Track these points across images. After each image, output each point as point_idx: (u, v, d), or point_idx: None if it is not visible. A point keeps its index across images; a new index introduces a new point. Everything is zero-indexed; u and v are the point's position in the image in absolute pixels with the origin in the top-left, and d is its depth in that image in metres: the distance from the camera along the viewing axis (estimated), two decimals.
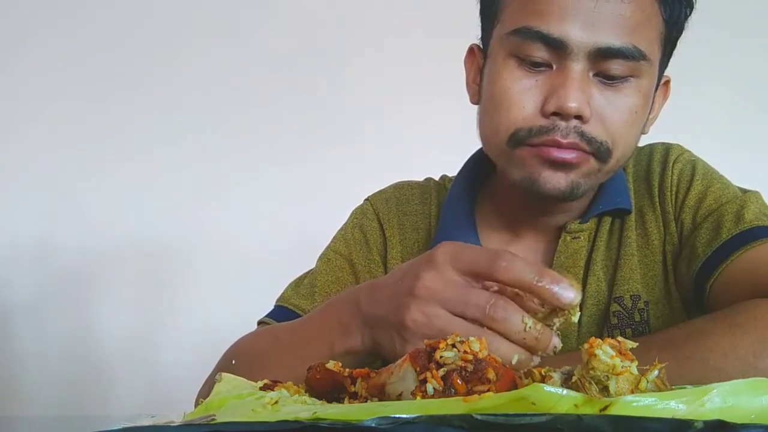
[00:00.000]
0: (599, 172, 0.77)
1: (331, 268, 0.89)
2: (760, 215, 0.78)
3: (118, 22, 1.89)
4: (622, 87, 0.74)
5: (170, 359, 1.76)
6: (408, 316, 0.56)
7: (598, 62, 0.73)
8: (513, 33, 0.74)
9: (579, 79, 0.72)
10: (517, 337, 0.52)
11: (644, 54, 0.73)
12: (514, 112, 0.74)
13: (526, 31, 0.73)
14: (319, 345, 0.65)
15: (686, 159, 0.85)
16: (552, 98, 0.72)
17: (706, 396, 0.37)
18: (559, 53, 0.72)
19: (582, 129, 0.73)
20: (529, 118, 0.74)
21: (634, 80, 0.74)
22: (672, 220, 0.83)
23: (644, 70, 0.75)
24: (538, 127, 0.73)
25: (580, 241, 0.83)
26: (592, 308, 0.82)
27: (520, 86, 0.74)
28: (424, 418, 0.36)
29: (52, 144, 1.85)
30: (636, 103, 0.75)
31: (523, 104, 0.74)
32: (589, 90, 0.73)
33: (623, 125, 0.75)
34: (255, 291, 0.91)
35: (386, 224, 0.92)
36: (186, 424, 0.42)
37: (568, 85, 0.72)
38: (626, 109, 0.75)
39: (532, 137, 0.74)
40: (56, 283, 1.81)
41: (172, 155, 1.83)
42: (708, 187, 0.82)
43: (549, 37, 0.72)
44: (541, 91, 0.74)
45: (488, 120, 0.79)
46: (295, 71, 1.86)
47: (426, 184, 0.96)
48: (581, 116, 0.72)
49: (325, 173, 1.80)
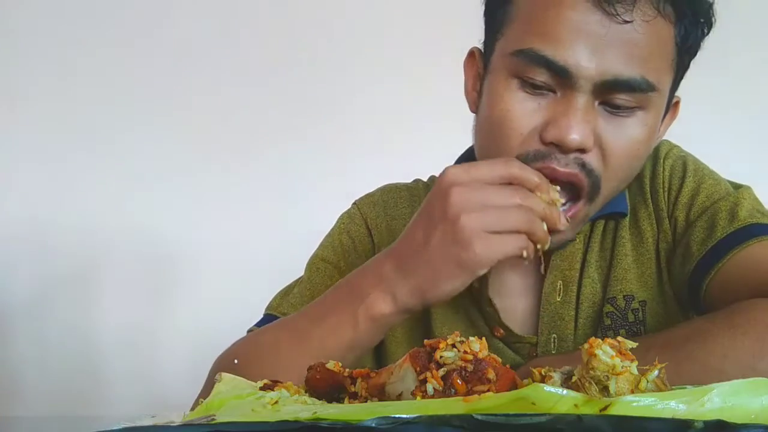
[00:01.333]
0: (585, 216, 0.75)
1: (320, 277, 0.88)
2: (754, 212, 0.77)
3: (118, 20, 1.88)
4: (627, 118, 0.70)
5: (170, 359, 1.76)
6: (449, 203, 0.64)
7: (604, 92, 0.69)
8: (517, 53, 0.70)
9: (583, 110, 0.69)
10: (546, 215, 0.65)
11: (653, 86, 0.69)
12: (513, 139, 0.71)
13: (531, 54, 0.69)
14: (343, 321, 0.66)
15: (676, 155, 0.85)
16: (553, 127, 0.69)
17: (706, 396, 0.37)
18: (564, 81, 0.68)
19: (582, 160, 0.70)
20: (527, 142, 0.71)
21: (640, 112, 0.71)
22: (665, 217, 0.82)
23: (652, 101, 0.71)
24: (535, 151, 0.70)
25: (575, 243, 0.83)
26: (588, 310, 0.82)
27: (521, 109, 0.71)
28: (424, 418, 0.36)
29: (52, 141, 1.84)
30: (640, 135, 0.72)
31: (522, 130, 0.71)
32: (594, 120, 0.69)
33: (624, 158, 0.72)
34: (255, 291, 0.91)
35: (374, 229, 0.90)
36: (186, 424, 0.42)
37: (571, 116, 0.68)
38: (629, 141, 0.71)
39: (529, 161, 0.70)
40: (56, 283, 1.81)
41: (171, 156, 1.83)
42: (700, 183, 0.81)
43: (554, 63, 0.68)
44: (543, 115, 0.70)
45: (487, 140, 0.76)
46: (297, 74, 1.86)
47: (414, 186, 0.95)
48: (582, 149, 0.69)
49: (325, 175, 1.80)
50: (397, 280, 0.67)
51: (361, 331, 0.66)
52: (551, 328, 0.81)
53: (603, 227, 0.84)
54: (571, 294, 0.81)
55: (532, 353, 0.81)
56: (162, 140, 1.84)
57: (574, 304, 0.81)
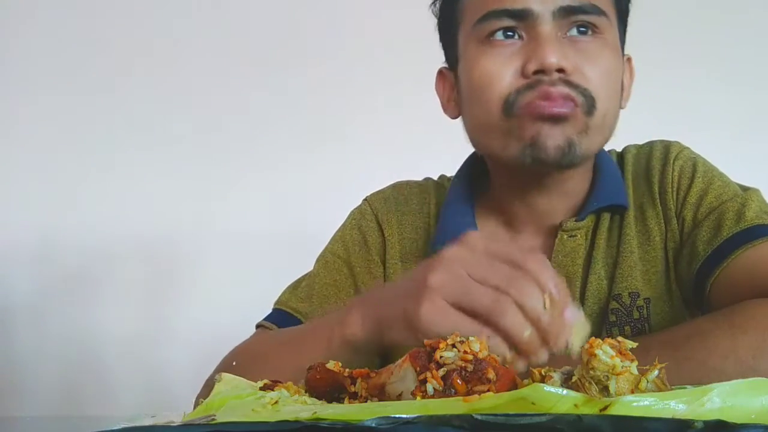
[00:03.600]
0: (588, 129, 0.77)
1: (329, 271, 0.90)
2: (761, 213, 0.78)
3: (118, 19, 1.89)
4: (590, 42, 0.78)
5: (170, 359, 1.76)
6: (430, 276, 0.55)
7: (563, 22, 0.77)
8: (479, 20, 0.78)
9: (552, 38, 0.76)
10: (533, 313, 0.52)
11: (602, 10, 0.78)
12: (498, 84, 0.77)
13: (492, 13, 0.77)
14: (318, 338, 0.65)
15: (686, 156, 0.86)
16: (531, 60, 0.75)
17: (706, 396, 0.37)
18: (527, 22, 0.76)
19: (568, 79, 0.75)
20: (513, 82, 0.76)
21: (599, 36, 0.78)
22: (673, 216, 0.83)
23: (605, 26, 0.79)
24: (525, 85, 0.75)
25: (577, 239, 0.83)
26: (594, 306, 0.82)
27: (498, 61, 0.77)
28: (424, 418, 0.36)
29: (52, 142, 1.85)
30: (607, 55, 0.79)
31: (504, 74, 0.76)
32: (563, 48, 0.76)
33: (602, 76, 0.77)
34: (256, 291, 0.91)
35: (385, 224, 0.92)
36: (186, 424, 0.42)
37: (543, 43, 0.75)
38: (600, 61, 0.78)
39: (523, 96, 0.75)
40: (56, 283, 1.81)
41: (173, 154, 1.83)
42: (709, 184, 0.82)
43: (513, 10, 0.76)
44: (518, 58, 0.76)
45: (477, 107, 0.80)
46: (297, 67, 1.86)
47: (425, 184, 0.97)
48: (563, 69, 0.75)
49: (328, 170, 1.79)
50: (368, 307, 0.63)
51: (334, 349, 0.63)
52: None
53: (608, 225, 0.85)
54: (575, 290, 0.82)
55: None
56: (164, 140, 1.84)
57: (578, 300, 0.82)
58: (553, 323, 0.52)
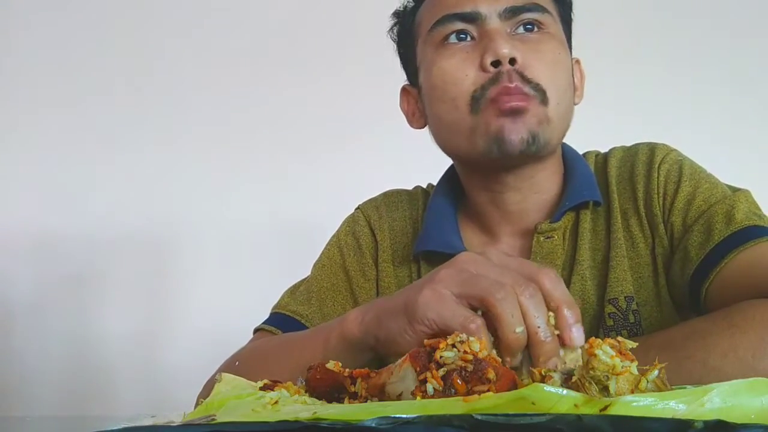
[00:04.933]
0: (547, 119, 0.80)
1: (326, 275, 0.93)
2: (751, 214, 0.77)
3: (118, 19, 1.89)
4: (537, 38, 0.83)
5: (171, 359, 1.76)
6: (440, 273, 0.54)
7: (510, 22, 0.82)
8: (434, 26, 0.84)
9: (501, 33, 0.81)
10: (533, 320, 0.50)
11: (545, 8, 0.84)
12: (460, 81, 0.81)
13: (444, 19, 0.83)
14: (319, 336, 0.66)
15: (672, 159, 0.85)
16: (486, 54, 0.80)
17: (705, 396, 0.37)
18: (477, 23, 0.82)
19: (520, 72, 0.80)
20: (476, 79, 0.80)
21: (545, 31, 0.84)
22: (660, 222, 0.82)
23: (549, 22, 0.84)
24: (488, 79, 0.80)
25: (554, 240, 0.84)
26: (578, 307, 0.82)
27: (455, 60, 0.82)
28: (424, 418, 0.36)
29: (51, 139, 1.85)
30: (554, 47, 0.83)
31: (465, 71, 0.81)
32: (513, 41, 0.81)
33: (550, 66, 0.82)
34: (257, 291, 0.92)
35: (377, 229, 0.96)
36: (186, 424, 0.42)
37: (494, 37, 0.80)
38: (548, 52, 0.82)
39: (487, 92, 0.79)
40: (56, 281, 1.81)
41: (174, 151, 1.83)
42: (696, 188, 0.82)
43: (464, 13, 0.82)
44: (474, 55, 0.81)
45: (442, 105, 0.83)
46: (297, 67, 1.86)
47: (414, 192, 1.01)
48: (515, 59, 0.79)
49: (328, 172, 1.80)
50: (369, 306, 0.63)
51: (331, 348, 0.63)
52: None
53: (590, 225, 0.85)
54: None
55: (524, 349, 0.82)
56: (164, 137, 1.84)
57: None
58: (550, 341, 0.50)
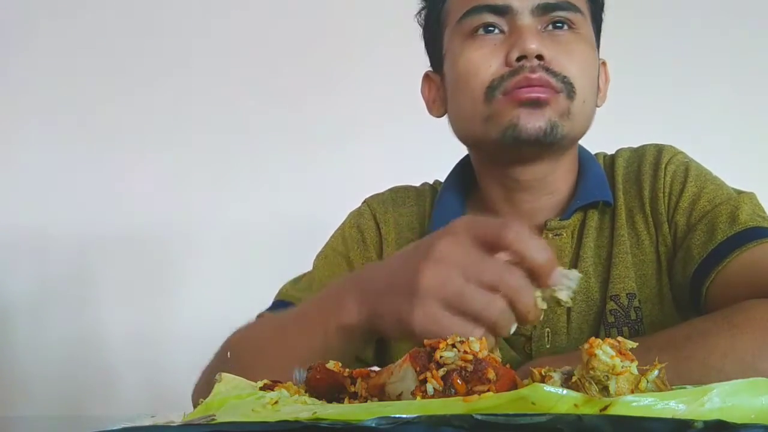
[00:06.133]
0: (570, 113, 0.80)
1: (329, 265, 0.92)
2: (754, 216, 0.78)
3: (118, 19, 1.89)
4: (567, 36, 0.82)
5: (171, 359, 1.76)
6: (422, 278, 0.55)
7: (542, 18, 0.82)
8: (463, 16, 0.83)
9: (532, 29, 0.81)
10: (524, 309, 0.54)
11: (578, 7, 0.83)
12: (482, 72, 0.81)
13: (475, 10, 0.82)
14: (316, 324, 0.64)
15: (679, 161, 0.86)
16: (513, 49, 0.79)
17: (706, 396, 0.37)
18: (507, 17, 0.81)
19: (546, 66, 0.79)
20: (497, 70, 0.80)
21: (576, 30, 0.83)
22: (665, 221, 0.83)
23: (581, 22, 0.83)
24: (508, 72, 0.80)
25: (563, 238, 0.85)
26: (582, 305, 0.83)
27: (482, 52, 0.81)
28: (424, 418, 0.36)
29: (50, 137, 1.84)
30: (583, 47, 0.83)
31: (489, 63, 0.81)
32: (542, 38, 0.80)
33: (579, 65, 0.82)
34: (257, 290, 0.91)
35: (382, 223, 0.94)
36: (186, 424, 0.42)
37: (524, 33, 0.80)
38: (577, 52, 0.82)
39: (505, 83, 0.79)
40: (56, 280, 1.81)
41: (173, 150, 1.83)
42: (702, 188, 0.82)
43: (495, 5, 0.81)
44: (502, 49, 0.81)
45: (462, 95, 0.83)
46: (297, 66, 1.86)
47: (421, 188, 1.00)
48: (542, 56, 0.79)
49: (328, 170, 1.80)
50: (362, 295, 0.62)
51: (330, 338, 0.62)
52: (544, 322, 0.82)
53: (596, 224, 0.85)
54: None
55: (527, 347, 0.83)
56: (163, 136, 1.84)
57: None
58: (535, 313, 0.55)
